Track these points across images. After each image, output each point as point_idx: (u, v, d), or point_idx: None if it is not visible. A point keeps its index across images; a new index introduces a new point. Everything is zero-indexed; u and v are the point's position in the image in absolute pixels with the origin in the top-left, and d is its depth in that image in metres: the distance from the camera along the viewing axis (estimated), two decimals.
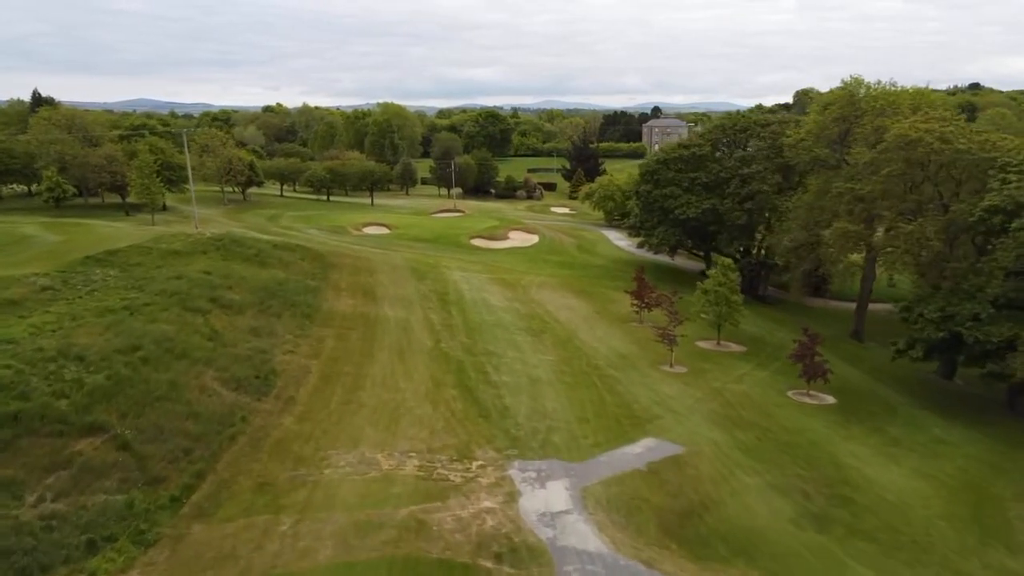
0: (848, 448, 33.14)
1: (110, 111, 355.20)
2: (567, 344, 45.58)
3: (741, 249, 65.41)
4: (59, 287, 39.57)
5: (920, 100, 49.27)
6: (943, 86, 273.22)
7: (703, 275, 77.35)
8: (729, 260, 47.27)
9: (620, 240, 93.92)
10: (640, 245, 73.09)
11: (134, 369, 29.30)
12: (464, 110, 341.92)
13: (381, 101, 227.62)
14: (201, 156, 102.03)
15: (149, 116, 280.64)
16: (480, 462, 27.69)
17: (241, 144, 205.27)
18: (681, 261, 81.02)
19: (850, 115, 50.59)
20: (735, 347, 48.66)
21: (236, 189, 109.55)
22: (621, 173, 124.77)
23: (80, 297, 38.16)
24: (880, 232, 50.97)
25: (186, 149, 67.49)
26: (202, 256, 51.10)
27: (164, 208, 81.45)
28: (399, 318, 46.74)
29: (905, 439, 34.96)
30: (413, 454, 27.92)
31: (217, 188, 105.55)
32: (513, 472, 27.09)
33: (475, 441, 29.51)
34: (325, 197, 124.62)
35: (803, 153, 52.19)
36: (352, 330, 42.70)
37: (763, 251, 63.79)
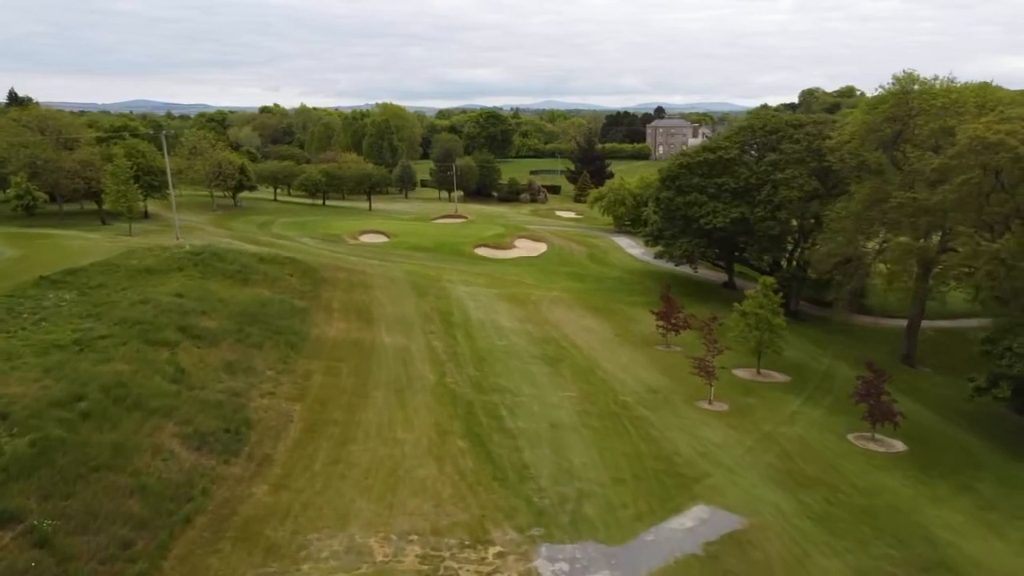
0: (938, 514, 27.63)
1: (107, 112, 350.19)
2: (589, 375, 40.09)
3: (771, 261, 59.95)
4: (2, 316, 34.01)
5: (986, 97, 43.83)
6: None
7: (726, 286, 72.19)
8: (771, 279, 41.75)
9: (633, 248, 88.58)
10: (659, 256, 67.54)
11: (71, 428, 23.75)
12: (464, 111, 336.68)
13: (380, 102, 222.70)
14: (190, 159, 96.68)
15: (144, 116, 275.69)
16: (498, 548, 22.15)
17: (236, 146, 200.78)
18: (702, 271, 75.54)
19: (902, 114, 45.13)
20: (777, 376, 43.16)
21: (227, 194, 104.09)
22: (632, 176, 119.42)
23: (24, 329, 32.58)
24: (935, 245, 45.53)
25: (165, 152, 62.03)
26: (177, 274, 45.56)
27: (146, 215, 75.99)
28: (398, 346, 41.21)
29: (1001, 501, 29.46)
30: (414, 537, 22.38)
31: (206, 193, 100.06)
32: (540, 563, 21.56)
33: (490, 516, 23.97)
34: (321, 201, 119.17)
35: (849, 158, 46.72)
36: (343, 362, 37.16)
37: (795, 263, 58.32)
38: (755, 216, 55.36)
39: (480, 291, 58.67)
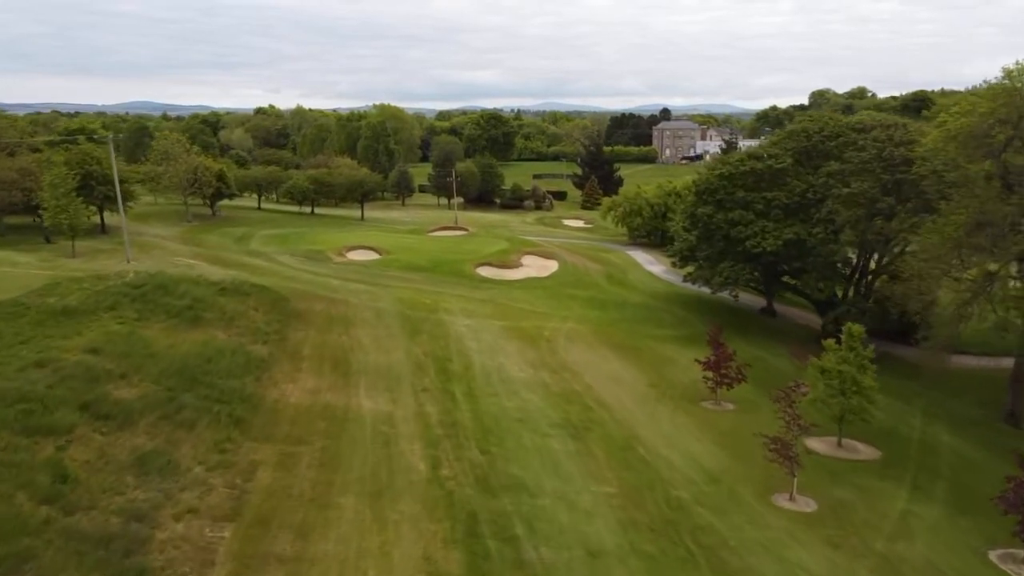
0: None
1: (103, 113, 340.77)
2: (627, 453, 30.92)
3: (828, 290, 50.54)
4: None
5: None
6: (961, 87, 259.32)
7: (764, 313, 63.00)
8: (859, 328, 32.58)
9: (652, 264, 79.48)
10: (690, 279, 58.30)
11: None
12: (464, 112, 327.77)
13: (380, 103, 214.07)
14: (163, 164, 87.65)
15: (140, 117, 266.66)
16: None
17: (225, 149, 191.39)
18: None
19: (1013, 117, 36.04)
20: (863, 450, 33.93)
21: (205, 202, 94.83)
22: (645, 182, 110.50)
23: None
24: None
25: (112, 158, 52.85)
26: (106, 315, 36.32)
27: (103, 230, 66.81)
28: (380, 413, 32.01)
29: None
30: None
31: (180, 202, 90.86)
32: None
33: None
34: (309, 210, 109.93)
35: (944, 169, 37.60)
36: (305, 445, 27.97)
37: (862, 291, 49.08)
38: (814, 238, 46.19)
39: (483, 325, 49.50)
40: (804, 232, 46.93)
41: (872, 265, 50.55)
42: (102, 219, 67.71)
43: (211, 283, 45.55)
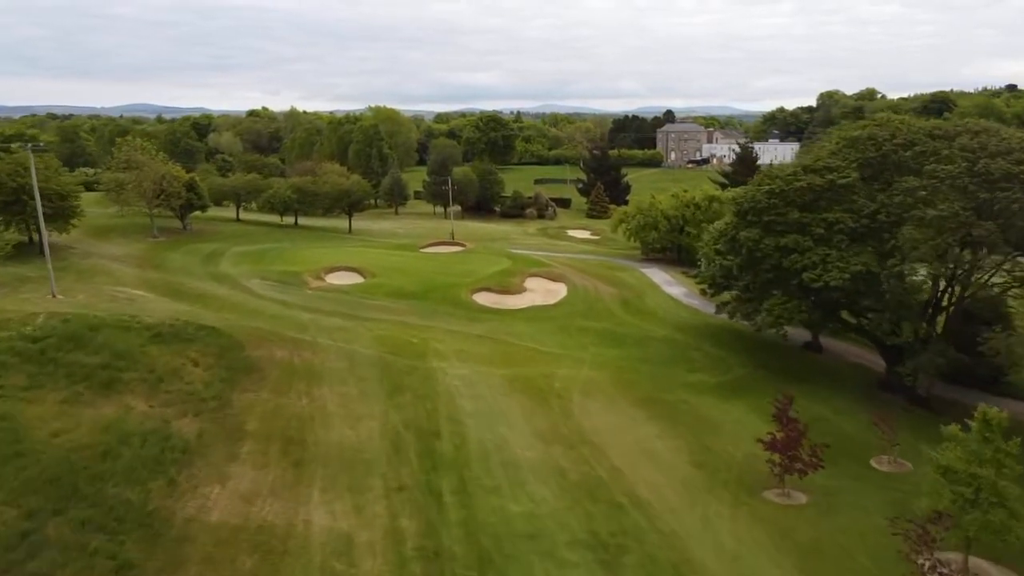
0: None
1: (97, 116, 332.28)
2: None
3: (907, 332, 41.37)
4: None
5: None
6: (970, 88, 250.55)
7: (809, 348, 54.05)
8: (999, 414, 23.66)
9: (672, 286, 70.51)
10: (724, 310, 49.47)
11: None
12: (463, 114, 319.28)
13: (376, 105, 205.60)
14: (126, 172, 78.77)
15: (137, 120, 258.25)
16: None
17: (213, 153, 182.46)
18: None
19: None
20: None
21: (175, 214, 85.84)
22: (659, 191, 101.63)
23: None
24: None
25: (33, 171, 44.10)
26: None
27: (41, 252, 57.85)
28: (335, 539, 23.04)
29: None
30: None
31: (146, 214, 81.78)
32: None
33: None
34: (293, 221, 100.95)
35: None
36: None
37: (935, 329, 40.10)
38: (889, 270, 37.28)
39: (481, 374, 40.63)
40: (875, 263, 38.01)
41: (952, 297, 41.69)
42: (41, 239, 58.76)
43: (144, 327, 36.65)
